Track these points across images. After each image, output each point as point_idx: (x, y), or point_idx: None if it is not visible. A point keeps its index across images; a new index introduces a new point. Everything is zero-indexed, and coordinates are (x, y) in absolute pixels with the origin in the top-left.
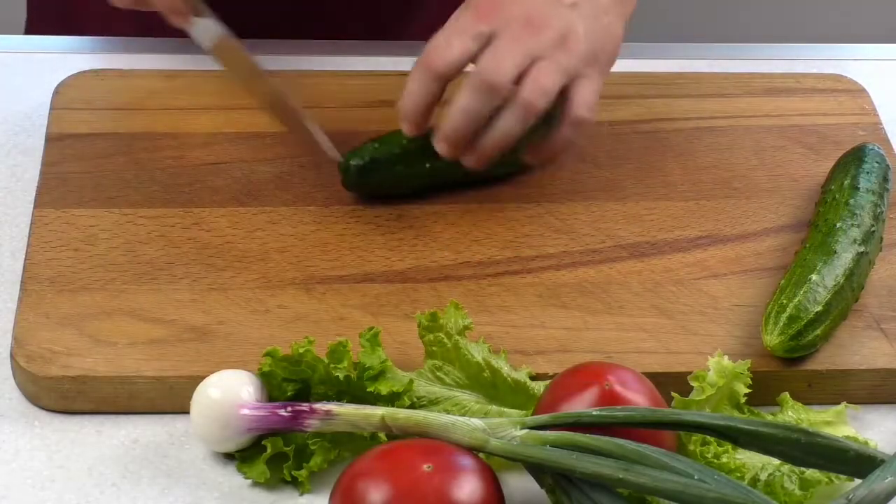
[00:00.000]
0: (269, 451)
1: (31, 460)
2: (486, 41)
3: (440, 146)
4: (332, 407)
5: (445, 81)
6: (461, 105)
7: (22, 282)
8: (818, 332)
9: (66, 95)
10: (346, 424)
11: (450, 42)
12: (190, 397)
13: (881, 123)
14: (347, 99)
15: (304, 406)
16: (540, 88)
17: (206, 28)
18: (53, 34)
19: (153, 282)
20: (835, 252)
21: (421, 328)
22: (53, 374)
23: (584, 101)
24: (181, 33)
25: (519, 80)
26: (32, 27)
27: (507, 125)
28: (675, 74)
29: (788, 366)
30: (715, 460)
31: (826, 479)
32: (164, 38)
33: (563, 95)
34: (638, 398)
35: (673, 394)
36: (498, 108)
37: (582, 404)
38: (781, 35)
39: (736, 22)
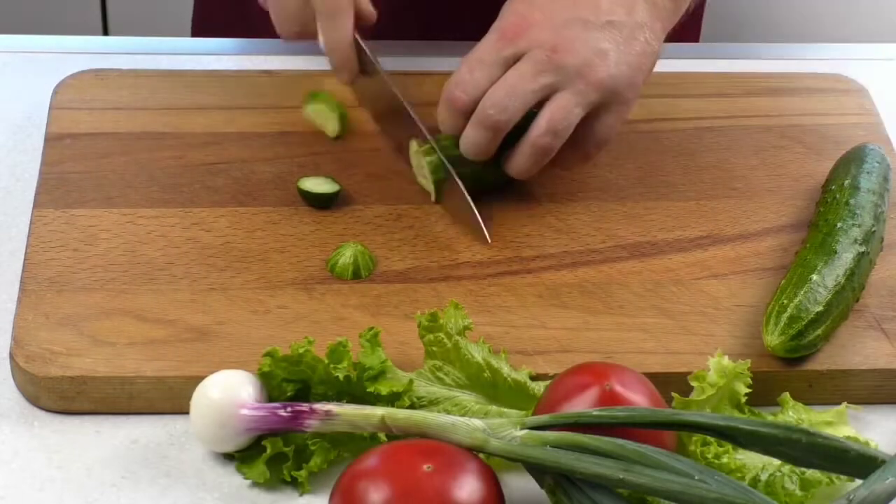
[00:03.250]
0: (268, 451)
1: (30, 461)
2: (510, 65)
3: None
4: (332, 407)
5: (471, 114)
6: (468, 139)
7: (22, 282)
8: (819, 332)
9: (66, 95)
10: (346, 424)
11: (472, 73)
12: (190, 397)
13: (882, 123)
14: (347, 99)
15: (304, 406)
16: (552, 130)
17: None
18: (220, 36)
19: (153, 282)
20: (835, 252)
21: (421, 328)
22: (53, 375)
23: (595, 138)
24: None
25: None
26: (198, 29)
27: (519, 163)
28: (675, 74)
29: (789, 366)
30: (715, 461)
31: (827, 480)
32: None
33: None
34: (638, 398)
35: (673, 394)
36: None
37: (582, 404)
38: (781, 35)
39: (736, 22)
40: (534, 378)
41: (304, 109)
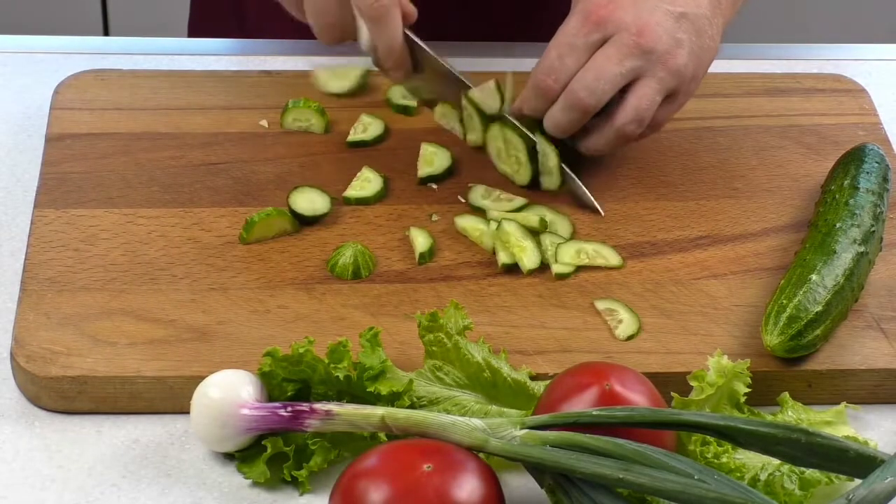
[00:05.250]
0: (269, 451)
1: (31, 460)
2: (597, 48)
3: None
4: (332, 407)
5: (557, 97)
6: (555, 120)
7: (22, 282)
8: (818, 332)
9: (66, 95)
10: (346, 424)
11: (562, 60)
12: (190, 397)
13: (881, 123)
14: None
15: (304, 406)
16: (639, 119)
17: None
18: (218, 35)
19: (153, 282)
20: (835, 252)
21: (421, 328)
22: (53, 374)
23: (652, 122)
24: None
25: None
26: (193, 30)
27: (599, 144)
28: None
29: (788, 366)
30: (715, 460)
31: (826, 479)
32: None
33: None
34: (638, 398)
35: (673, 394)
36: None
37: (582, 404)
38: (781, 35)
39: (736, 22)
40: (534, 378)
41: (283, 122)
